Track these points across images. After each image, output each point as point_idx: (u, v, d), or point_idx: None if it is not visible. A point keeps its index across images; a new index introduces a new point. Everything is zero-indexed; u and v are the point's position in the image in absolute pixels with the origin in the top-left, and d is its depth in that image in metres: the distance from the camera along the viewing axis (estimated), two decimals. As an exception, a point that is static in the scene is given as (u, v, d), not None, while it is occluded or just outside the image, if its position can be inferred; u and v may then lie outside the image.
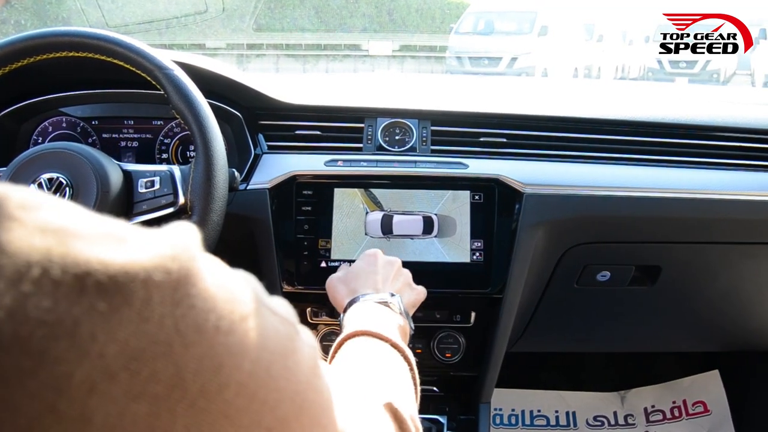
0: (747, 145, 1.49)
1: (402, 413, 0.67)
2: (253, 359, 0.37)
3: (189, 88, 1.11)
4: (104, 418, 0.30)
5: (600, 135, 1.46)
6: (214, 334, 0.35)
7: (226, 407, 0.35)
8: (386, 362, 0.82)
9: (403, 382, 0.79)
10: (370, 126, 1.43)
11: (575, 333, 1.81)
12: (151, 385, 0.32)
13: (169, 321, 0.33)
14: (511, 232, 1.33)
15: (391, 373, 0.79)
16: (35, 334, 0.29)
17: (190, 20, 2.33)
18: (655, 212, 1.39)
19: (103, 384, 0.30)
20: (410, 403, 0.73)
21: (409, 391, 0.78)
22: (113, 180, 1.10)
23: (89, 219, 0.34)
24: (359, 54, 8.43)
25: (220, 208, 1.10)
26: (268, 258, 1.32)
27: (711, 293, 1.65)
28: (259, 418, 0.38)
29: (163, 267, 0.33)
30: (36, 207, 0.32)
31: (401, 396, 0.72)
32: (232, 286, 0.38)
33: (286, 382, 0.40)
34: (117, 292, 0.31)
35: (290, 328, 0.44)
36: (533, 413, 2.31)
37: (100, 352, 0.30)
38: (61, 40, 1.10)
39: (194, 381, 0.34)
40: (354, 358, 0.82)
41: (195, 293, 0.35)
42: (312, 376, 0.44)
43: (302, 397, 0.42)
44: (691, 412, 2.26)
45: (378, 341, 0.86)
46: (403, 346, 0.87)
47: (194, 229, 0.39)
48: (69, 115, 1.40)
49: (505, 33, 11.07)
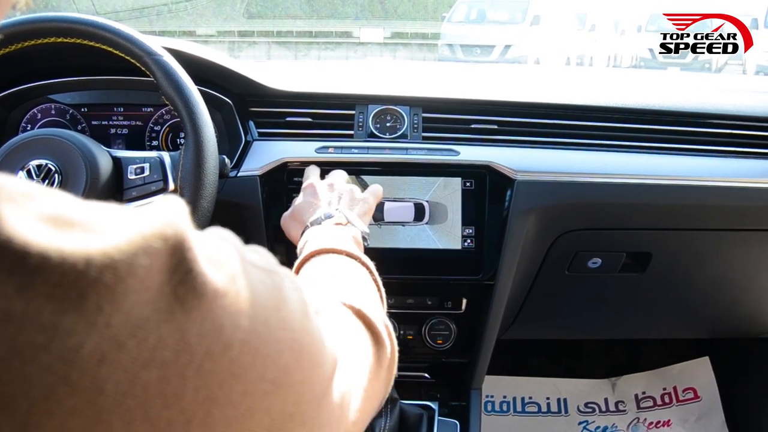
0: (738, 132, 1.49)
1: (370, 317, 0.68)
2: (250, 316, 0.38)
3: (179, 74, 1.10)
4: (116, 386, 0.31)
5: (592, 122, 1.46)
6: (212, 296, 0.36)
7: (231, 366, 0.37)
8: (344, 272, 0.83)
9: (365, 287, 0.80)
10: (361, 113, 1.43)
11: (566, 320, 1.82)
12: (158, 352, 0.33)
13: (168, 288, 0.34)
14: (502, 218, 1.33)
15: (351, 281, 0.80)
16: (45, 308, 0.29)
17: (181, 7, 2.33)
18: (647, 199, 1.39)
19: (112, 353, 0.31)
20: (375, 306, 0.73)
21: (372, 294, 0.79)
22: (102, 167, 1.09)
23: (84, 205, 0.35)
24: (351, 42, 8.40)
25: (210, 194, 1.10)
26: (258, 245, 1.31)
27: (701, 280, 1.66)
28: (263, 372, 0.39)
29: (160, 234, 0.34)
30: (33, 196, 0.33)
31: (366, 300, 0.72)
32: (218, 247, 0.40)
33: (283, 332, 0.42)
34: (122, 264, 0.32)
35: (275, 278, 0.45)
36: (524, 400, 2.32)
37: (107, 323, 0.31)
38: (50, 26, 1.09)
39: (199, 344, 0.35)
40: (313, 277, 0.82)
41: (190, 257, 0.35)
42: (304, 320, 0.46)
43: (299, 343, 0.44)
44: (681, 399, 2.28)
45: (332, 255, 0.87)
46: (358, 254, 0.88)
47: (181, 202, 0.39)
48: (58, 102, 1.40)
49: (497, 22, 11.05)
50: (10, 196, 0.31)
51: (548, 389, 2.34)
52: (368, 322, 0.68)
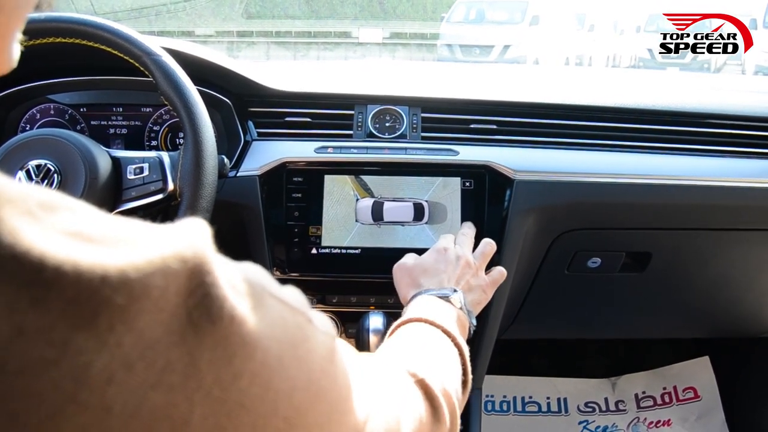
0: (738, 132, 1.49)
1: (434, 389, 0.67)
2: (263, 348, 0.38)
3: (177, 74, 1.10)
4: (123, 407, 0.31)
5: (591, 122, 1.46)
6: (227, 324, 0.35)
7: (241, 396, 0.36)
8: (431, 344, 0.83)
9: (444, 362, 0.79)
10: (360, 113, 1.43)
11: (566, 320, 1.82)
12: (167, 375, 0.32)
13: (182, 311, 0.33)
14: (501, 218, 1.33)
15: (432, 353, 0.79)
16: (57, 324, 0.29)
17: (180, 8, 2.33)
18: (646, 199, 1.39)
19: (120, 373, 0.30)
20: (447, 381, 0.72)
21: (449, 371, 0.77)
22: (102, 167, 1.09)
23: (106, 219, 0.34)
24: (350, 42, 8.41)
25: (210, 194, 1.09)
26: (258, 245, 1.32)
27: (701, 280, 1.66)
28: (275, 407, 0.38)
29: (179, 256, 0.34)
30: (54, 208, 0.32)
31: (437, 374, 0.71)
32: (241, 277, 0.39)
33: (298, 371, 0.41)
34: (137, 283, 0.31)
35: (299, 317, 0.44)
36: (524, 399, 2.32)
37: (118, 342, 0.30)
38: (49, 26, 1.09)
39: (209, 370, 0.34)
40: (401, 340, 0.83)
41: (209, 282, 0.35)
42: (328, 363, 0.45)
43: (317, 386, 0.42)
44: (681, 398, 2.27)
45: (430, 327, 0.87)
46: (455, 334, 0.87)
47: (205, 225, 0.39)
48: (57, 102, 1.39)
49: (496, 22, 11.06)
50: (28, 209, 0.31)
51: (548, 389, 2.34)
52: (430, 393, 0.67)
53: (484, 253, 1.17)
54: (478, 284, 1.10)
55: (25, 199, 0.31)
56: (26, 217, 0.30)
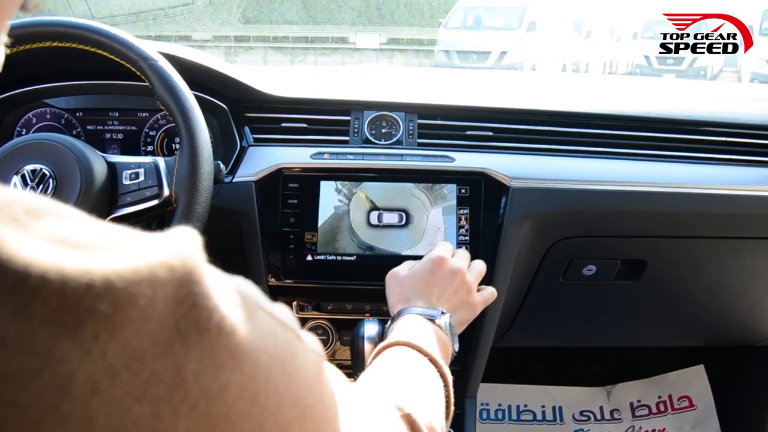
0: (733, 140, 1.50)
1: (420, 425, 0.66)
2: (252, 361, 0.37)
3: (174, 79, 1.10)
4: (107, 418, 0.30)
5: (587, 129, 1.47)
6: (215, 335, 0.35)
7: (227, 410, 0.35)
8: (417, 374, 0.82)
9: (430, 395, 0.78)
10: (356, 119, 1.43)
11: (561, 327, 1.82)
12: (152, 386, 0.31)
13: (170, 320, 0.33)
14: (497, 225, 1.33)
15: (418, 384, 0.78)
16: (40, 333, 0.28)
17: (177, 12, 2.33)
18: (641, 206, 1.39)
19: (104, 384, 0.30)
20: (433, 416, 0.71)
21: (434, 404, 0.77)
22: (97, 172, 1.09)
23: (94, 226, 0.34)
24: (347, 47, 8.40)
25: (205, 200, 1.09)
26: (253, 251, 1.31)
27: (696, 288, 1.66)
28: (260, 423, 0.37)
29: (167, 265, 0.33)
30: (42, 214, 0.32)
31: (423, 408, 0.70)
32: (231, 288, 0.38)
33: (286, 386, 0.40)
34: (123, 292, 0.31)
35: (289, 333, 0.43)
36: (519, 408, 2.31)
37: (102, 352, 0.30)
38: (45, 30, 1.09)
39: (195, 382, 0.33)
40: (387, 367, 0.82)
41: (198, 291, 0.34)
42: (315, 382, 0.44)
43: (304, 403, 0.41)
44: (676, 407, 2.27)
45: (416, 353, 0.86)
46: (441, 363, 0.87)
47: (196, 234, 0.38)
48: (53, 107, 1.39)
49: (493, 28, 11.07)
50: (13, 216, 0.30)
51: (543, 397, 2.34)
52: (416, 429, 0.66)
53: (479, 272, 1.14)
54: (469, 302, 1.09)
55: (10, 205, 0.31)
56: (11, 224, 0.30)
